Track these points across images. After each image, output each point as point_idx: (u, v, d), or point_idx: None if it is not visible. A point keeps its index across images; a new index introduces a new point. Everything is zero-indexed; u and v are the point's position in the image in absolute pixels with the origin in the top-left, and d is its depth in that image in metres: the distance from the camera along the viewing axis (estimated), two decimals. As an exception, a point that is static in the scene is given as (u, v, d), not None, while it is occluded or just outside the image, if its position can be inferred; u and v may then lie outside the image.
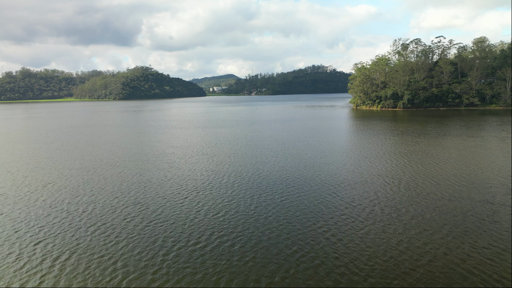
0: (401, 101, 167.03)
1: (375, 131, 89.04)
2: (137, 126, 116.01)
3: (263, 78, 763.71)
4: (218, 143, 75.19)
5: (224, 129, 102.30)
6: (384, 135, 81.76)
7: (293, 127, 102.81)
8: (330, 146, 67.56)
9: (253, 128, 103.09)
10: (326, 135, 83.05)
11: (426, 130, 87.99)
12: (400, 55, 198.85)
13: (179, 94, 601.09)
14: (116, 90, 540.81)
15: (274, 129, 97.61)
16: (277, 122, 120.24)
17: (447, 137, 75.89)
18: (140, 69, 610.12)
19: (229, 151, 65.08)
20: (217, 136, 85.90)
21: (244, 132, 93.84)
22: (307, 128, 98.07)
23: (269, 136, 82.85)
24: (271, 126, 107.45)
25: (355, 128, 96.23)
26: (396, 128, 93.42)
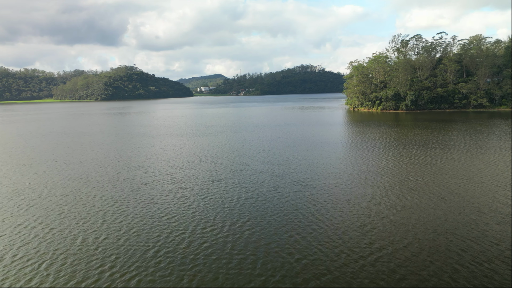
0: (403, 103, 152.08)
1: (388, 141, 73.10)
2: (106, 133, 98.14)
3: (251, 78, 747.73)
4: (194, 161, 58.23)
5: (206, 138, 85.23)
6: (403, 147, 65.82)
7: (288, 136, 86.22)
8: (339, 169, 51.16)
9: (240, 136, 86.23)
10: (330, 150, 66.75)
11: (455, 142, 72.38)
12: (400, 53, 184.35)
13: (164, 95, 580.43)
14: (98, 90, 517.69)
15: (266, 139, 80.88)
16: (269, 128, 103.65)
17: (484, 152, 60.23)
18: (124, 68, 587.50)
19: (206, 177, 48.17)
20: (194, 150, 68.87)
21: (230, 143, 76.96)
22: (305, 138, 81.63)
23: (260, 151, 66.05)
24: (262, 134, 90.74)
25: (361, 139, 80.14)
26: (410, 137, 77.67)
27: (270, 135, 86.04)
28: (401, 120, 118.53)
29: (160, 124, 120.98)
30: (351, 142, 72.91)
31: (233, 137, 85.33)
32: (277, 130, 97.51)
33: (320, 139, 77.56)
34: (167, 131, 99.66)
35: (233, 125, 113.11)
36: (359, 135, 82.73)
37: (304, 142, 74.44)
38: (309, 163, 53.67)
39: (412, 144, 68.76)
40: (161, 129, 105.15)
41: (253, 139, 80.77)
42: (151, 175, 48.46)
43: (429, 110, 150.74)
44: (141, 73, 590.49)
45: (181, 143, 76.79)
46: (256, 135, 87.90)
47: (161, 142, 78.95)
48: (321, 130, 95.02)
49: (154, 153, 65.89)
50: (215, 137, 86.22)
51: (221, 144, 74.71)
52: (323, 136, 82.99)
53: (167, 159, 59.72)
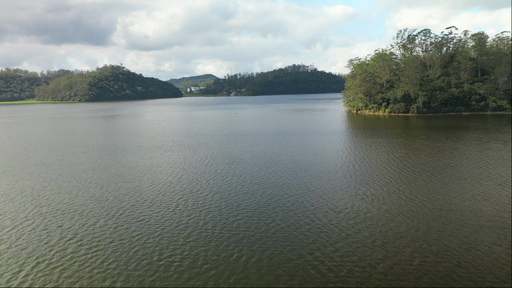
0: (414, 105, 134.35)
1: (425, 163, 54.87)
2: (66, 144, 78.37)
3: (243, 78, 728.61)
4: (164, 191, 39.29)
5: (182, 153, 66.12)
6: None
7: (289, 153, 67.63)
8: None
9: (227, 152, 67.33)
10: (349, 183, 48.41)
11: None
12: (406, 49, 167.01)
13: (152, 95, 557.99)
14: (81, 91, 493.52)
15: (260, 159, 62.09)
16: (263, 138, 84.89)
17: None
18: (110, 68, 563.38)
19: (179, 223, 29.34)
20: (167, 172, 49.82)
21: (211, 163, 58.03)
22: (311, 157, 63.18)
23: (252, 184, 47.22)
24: (254, 147, 71.96)
25: (388, 157, 61.91)
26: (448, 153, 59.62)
27: (265, 151, 67.18)
28: (417, 127, 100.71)
29: (137, 132, 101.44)
30: (382, 170, 54.47)
31: (218, 152, 66.34)
32: (274, 141, 78.74)
33: (330, 162, 59.04)
34: (136, 142, 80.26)
35: (221, 133, 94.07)
36: (382, 152, 64.42)
37: (311, 165, 55.83)
38: (328, 217, 35.08)
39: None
40: (129, 139, 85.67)
41: (243, 156, 61.87)
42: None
43: (443, 114, 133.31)
44: (127, 72, 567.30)
45: (143, 164, 57.54)
46: (247, 149, 69.00)
47: (118, 160, 59.67)
48: (327, 143, 76.56)
49: (109, 182, 46.73)
50: (194, 152, 67.08)
51: (198, 165, 55.64)
52: (333, 155, 64.52)
53: (105, 199, 40.65)
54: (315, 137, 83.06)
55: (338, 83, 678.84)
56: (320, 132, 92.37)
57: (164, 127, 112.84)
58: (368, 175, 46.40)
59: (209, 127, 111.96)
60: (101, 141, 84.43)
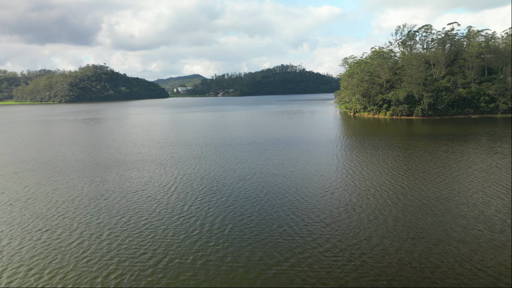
0: (419, 107, 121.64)
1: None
2: (14, 160, 62.94)
3: (230, 78, 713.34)
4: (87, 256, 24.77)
5: (150, 172, 51.51)
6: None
7: (287, 170, 53.70)
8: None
9: (207, 171, 52.95)
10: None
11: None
12: (406, 47, 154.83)
13: (137, 96, 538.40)
14: (62, 91, 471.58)
15: (252, 181, 48.01)
16: (253, 147, 70.71)
17: None
18: (92, 68, 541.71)
19: None
20: (104, 212, 35.28)
21: (185, 190, 43.69)
22: (316, 177, 49.42)
23: (246, 223, 33.10)
24: (244, 164, 57.73)
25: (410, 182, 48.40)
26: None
27: (256, 171, 52.92)
28: (429, 135, 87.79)
29: (97, 140, 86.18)
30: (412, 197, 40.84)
31: (193, 172, 51.85)
32: (266, 155, 64.60)
33: (345, 193, 45.27)
34: (93, 155, 65.24)
35: (201, 142, 79.50)
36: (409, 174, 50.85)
37: (319, 197, 41.94)
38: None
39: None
40: (86, 151, 70.53)
41: (226, 180, 47.51)
42: None
43: (450, 116, 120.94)
44: (111, 72, 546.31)
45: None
46: (232, 167, 54.66)
47: (78, 184, 44.83)
48: (331, 156, 62.80)
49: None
50: (162, 171, 52.41)
51: (159, 197, 41.08)
52: (345, 180, 50.78)
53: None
54: (315, 148, 69.22)
55: (327, 84, 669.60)
56: (320, 141, 78.58)
57: (136, 134, 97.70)
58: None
59: (189, 133, 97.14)
60: (35, 154, 69.17)
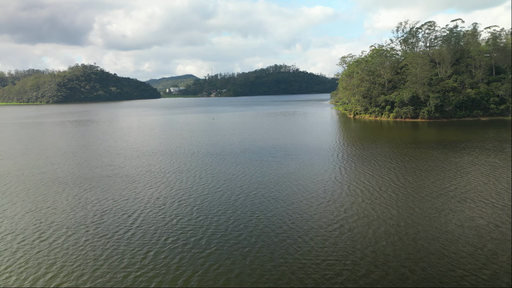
0: (425, 109, 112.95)
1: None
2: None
3: (223, 78, 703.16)
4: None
5: (116, 194, 41.83)
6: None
7: (289, 191, 44.43)
8: None
9: (185, 199, 43.46)
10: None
11: None
12: (407, 45, 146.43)
13: (128, 96, 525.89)
14: (49, 92, 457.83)
15: (243, 203, 38.67)
16: (246, 158, 61.26)
17: None
18: (82, 67, 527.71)
19: None
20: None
21: (159, 223, 34.14)
22: (316, 197, 40.17)
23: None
24: (234, 183, 48.30)
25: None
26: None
27: (250, 198, 43.59)
28: (442, 142, 78.94)
29: (69, 149, 76.20)
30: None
31: (167, 197, 42.33)
32: (262, 169, 55.19)
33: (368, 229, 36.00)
34: (43, 170, 55.40)
35: (185, 152, 69.79)
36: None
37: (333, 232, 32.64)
38: None
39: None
40: (31, 165, 60.65)
41: (212, 213, 38.05)
42: None
43: (458, 119, 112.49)
44: (101, 72, 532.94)
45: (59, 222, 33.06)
46: (220, 189, 45.17)
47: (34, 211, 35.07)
48: (338, 171, 53.62)
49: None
50: (133, 191, 42.77)
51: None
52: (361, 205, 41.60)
53: None
54: (318, 159, 59.94)
55: (321, 84, 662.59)
56: (322, 148, 69.36)
57: (114, 140, 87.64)
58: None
59: (174, 139, 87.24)
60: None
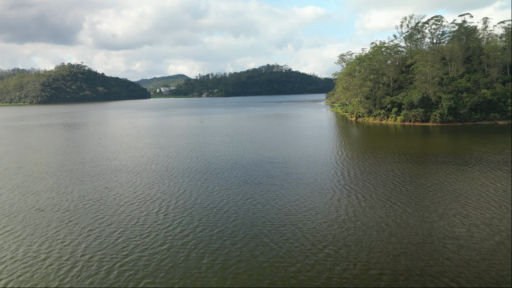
0: (437, 111, 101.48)
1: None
2: None
3: (215, 78, 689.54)
4: None
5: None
6: None
7: (291, 241, 31.59)
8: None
9: (147, 244, 30.72)
10: None
11: None
12: (412, 42, 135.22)
13: (116, 96, 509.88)
14: (33, 92, 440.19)
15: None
16: (236, 178, 48.75)
17: None
18: (68, 67, 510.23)
19: None
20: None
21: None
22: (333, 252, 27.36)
23: None
24: (216, 222, 35.76)
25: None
26: None
27: (244, 263, 31.05)
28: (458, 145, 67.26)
29: (20, 170, 63.07)
30: None
31: (99, 265, 29.72)
32: (256, 201, 42.77)
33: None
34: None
35: (159, 168, 56.97)
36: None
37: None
38: None
39: None
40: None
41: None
42: None
43: (473, 123, 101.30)
44: (88, 72, 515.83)
45: None
46: (200, 234, 32.67)
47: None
48: (356, 206, 41.47)
49: None
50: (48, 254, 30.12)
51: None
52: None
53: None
54: (326, 180, 47.74)
55: (313, 84, 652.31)
56: (330, 163, 57.20)
57: (69, 153, 74.58)
58: None
59: (149, 149, 74.13)
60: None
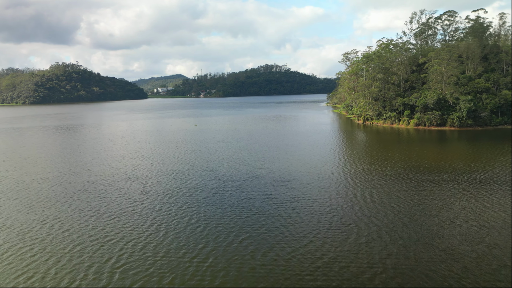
0: (455, 114, 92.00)
1: None
2: None
3: (213, 78, 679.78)
4: None
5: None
6: None
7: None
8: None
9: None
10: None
11: None
12: (422, 39, 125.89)
13: (111, 97, 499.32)
14: (26, 92, 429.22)
15: None
16: (228, 208, 39.20)
17: None
18: (62, 66, 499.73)
19: None
20: None
21: None
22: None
23: None
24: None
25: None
26: None
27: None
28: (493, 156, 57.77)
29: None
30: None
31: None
32: (259, 249, 33.10)
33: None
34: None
35: (129, 196, 47.44)
36: None
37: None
38: None
39: None
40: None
41: None
42: None
43: (494, 127, 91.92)
44: (83, 71, 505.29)
45: None
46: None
47: None
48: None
49: None
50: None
51: None
52: None
53: None
54: (348, 212, 38.19)
55: (313, 84, 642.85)
56: (346, 183, 47.72)
57: (21, 168, 64.82)
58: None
59: (128, 159, 64.36)
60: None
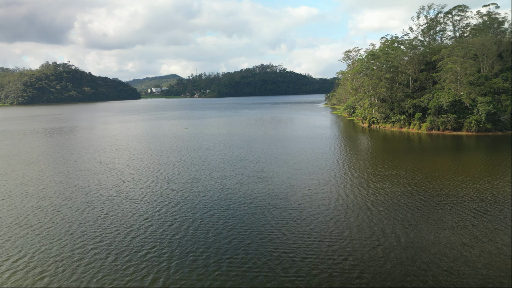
0: (472, 117, 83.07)
1: None
2: None
3: (208, 78, 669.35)
4: None
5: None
6: None
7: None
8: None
9: None
10: None
11: None
12: (430, 35, 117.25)
13: (103, 97, 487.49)
14: (14, 92, 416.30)
15: None
16: (221, 256, 29.59)
17: None
18: (53, 66, 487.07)
19: None
20: None
21: None
22: None
23: None
24: None
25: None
26: None
27: None
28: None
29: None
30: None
31: None
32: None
33: None
34: None
35: (92, 217, 37.84)
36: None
37: None
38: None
39: None
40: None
41: None
42: None
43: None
44: (74, 71, 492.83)
45: None
46: None
47: None
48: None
49: None
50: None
51: None
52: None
53: None
54: (371, 255, 28.81)
55: (309, 84, 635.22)
56: (358, 200, 38.37)
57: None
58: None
59: (97, 174, 54.82)
60: None
